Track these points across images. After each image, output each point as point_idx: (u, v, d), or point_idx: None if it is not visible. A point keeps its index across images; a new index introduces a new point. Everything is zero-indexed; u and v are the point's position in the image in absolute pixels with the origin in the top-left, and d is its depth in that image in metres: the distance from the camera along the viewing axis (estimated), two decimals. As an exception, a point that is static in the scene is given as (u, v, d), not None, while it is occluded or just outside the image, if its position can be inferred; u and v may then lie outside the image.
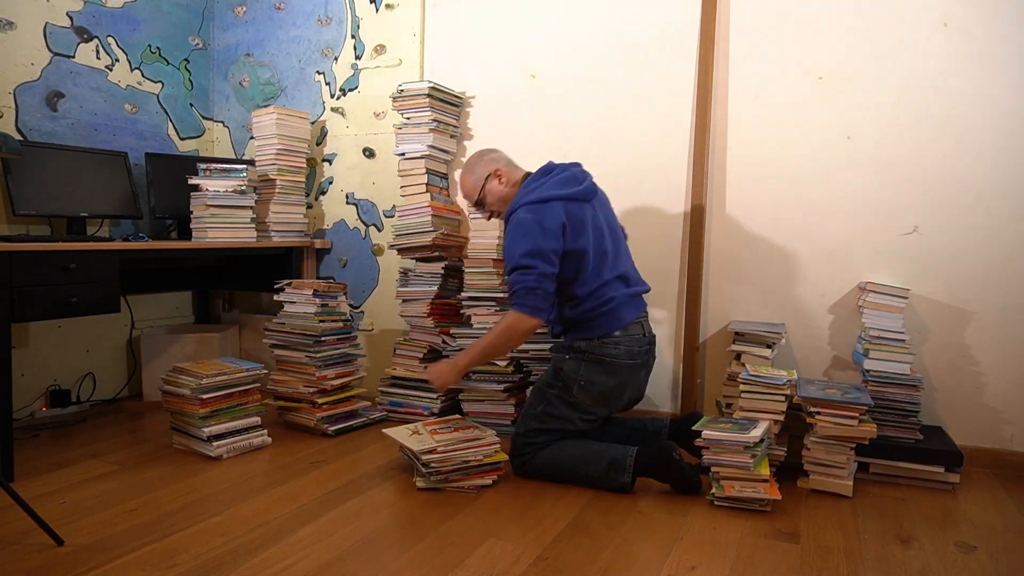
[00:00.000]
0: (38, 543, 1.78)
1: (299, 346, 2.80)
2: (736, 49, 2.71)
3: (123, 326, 3.29)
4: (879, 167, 2.54)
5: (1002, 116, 2.39)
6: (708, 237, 2.78)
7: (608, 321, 2.22)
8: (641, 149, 2.86)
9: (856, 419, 2.15)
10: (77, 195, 2.85)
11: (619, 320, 2.22)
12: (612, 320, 2.22)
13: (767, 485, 2.04)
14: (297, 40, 3.51)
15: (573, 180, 2.27)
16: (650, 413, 2.82)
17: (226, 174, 2.97)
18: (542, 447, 2.23)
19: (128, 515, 1.97)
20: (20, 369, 2.85)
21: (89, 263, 2.46)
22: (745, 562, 1.74)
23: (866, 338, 2.41)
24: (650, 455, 2.16)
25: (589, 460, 2.18)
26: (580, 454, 2.20)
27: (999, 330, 2.43)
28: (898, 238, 2.53)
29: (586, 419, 2.25)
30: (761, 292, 2.71)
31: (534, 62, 3.03)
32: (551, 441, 2.24)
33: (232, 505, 2.05)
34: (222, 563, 1.69)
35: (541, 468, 2.23)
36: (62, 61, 2.99)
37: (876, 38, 2.52)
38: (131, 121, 3.29)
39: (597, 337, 2.22)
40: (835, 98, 2.58)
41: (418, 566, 1.69)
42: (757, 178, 2.70)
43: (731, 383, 2.49)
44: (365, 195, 3.40)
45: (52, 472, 2.32)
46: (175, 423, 2.57)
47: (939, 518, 2.03)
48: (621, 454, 2.16)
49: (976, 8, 2.40)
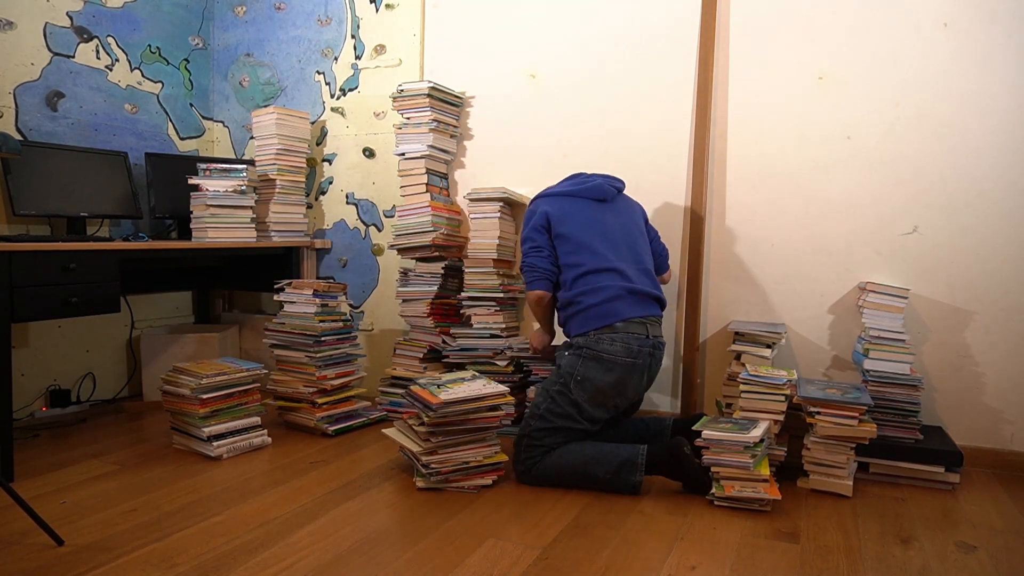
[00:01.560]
0: (38, 543, 1.78)
1: (299, 346, 2.80)
2: (736, 49, 2.71)
3: (123, 326, 3.29)
4: (879, 167, 2.54)
5: (1002, 116, 2.39)
6: (708, 237, 2.78)
7: (603, 313, 2.22)
8: (641, 149, 2.86)
9: (856, 419, 2.15)
10: (77, 195, 2.85)
11: (615, 313, 2.22)
12: (608, 313, 2.22)
13: (767, 485, 2.04)
14: (297, 40, 3.51)
15: (574, 180, 2.48)
16: (650, 413, 2.83)
17: (226, 174, 2.97)
18: (548, 450, 2.21)
19: (128, 515, 1.97)
20: (20, 369, 2.85)
21: (89, 263, 2.46)
22: (745, 562, 1.74)
23: (866, 338, 2.41)
24: (661, 452, 2.15)
25: (599, 461, 2.15)
26: (590, 454, 2.17)
27: (999, 330, 2.43)
28: (898, 238, 2.53)
29: (587, 418, 2.23)
30: (761, 292, 2.71)
31: (534, 62, 3.04)
32: (556, 445, 2.22)
33: (232, 505, 2.05)
34: (222, 563, 1.69)
35: (547, 472, 2.20)
36: (62, 61, 2.99)
37: (876, 38, 2.52)
38: (131, 121, 3.29)
39: (594, 331, 2.22)
40: (835, 98, 2.58)
41: (418, 566, 1.69)
42: (757, 178, 2.70)
43: (731, 383, 2.49)
44: (365, 195, 3.40)
45: (52, 472, 2.32)
46: (175, 423, 2.58)
47: (939, 518, 2.03)
48: (632, 453, 2.15)
49: (976, 9, 2.40)
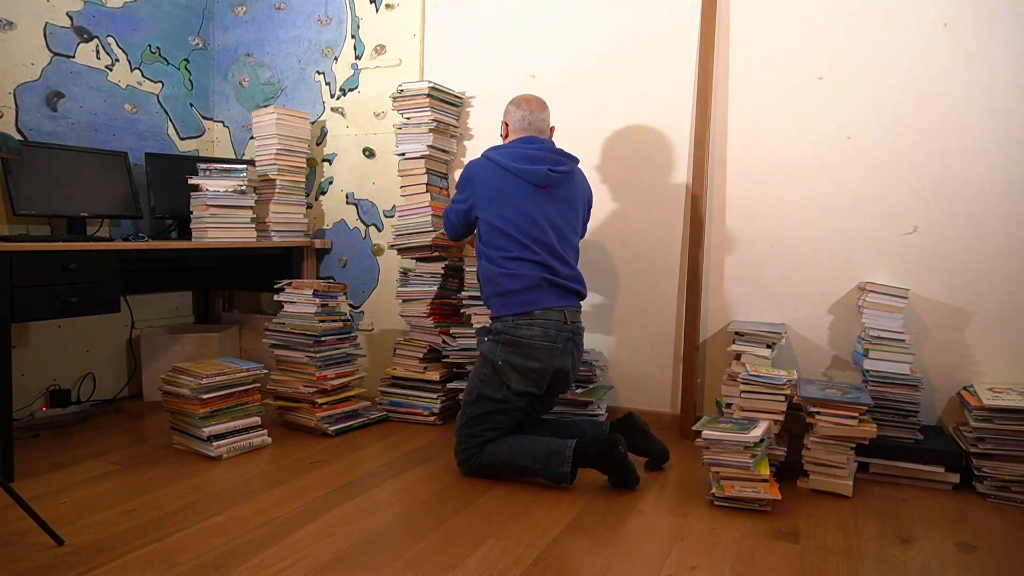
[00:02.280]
0: (38, 543, 1.78)
1: (299, 346, 2.80)
2: (736, 49, 2.71)
3: (123, 326, 3.29)
4: (879, 167, 2.54)
5: (1002, 116, 2.39)
6: (708, 237, 2.78)
7: (523, 301, 2.24)
8: (641, 149, 2.86)
9: (856, 419, 2.15)
10: (77, 195, 2.85)
11: (535, 303, 2.24)
12: (527, 301, 2.24)
13: (767, 485, 2.04)
14: (297, 40, 3.51)
15: (525, 159, 2.33)
16: (651, 413, 2.83)
17: (226, 174, 2.97)
18: (486, 441, 2.26)
19: (128, 515, 1.97)
20: (20, 369, 2.85)
21: (89, 263, 2.46)
22: (745, 562, 1.74)
23: (866, 338, 2.41)
24: (593, 446, 2.19)
25: (530, 452, 2.21)
26: (521, 446, 2.23)
27: (999, 330, 2.43)
28: (898, 238, 2.53)
29: (518, 394, 2.26)
30: (761, 292, 2.71)
31: (534, 62, 3.03)
32: (492, 436, 2.26)
33: (232, 505, 2.05)
34: (222, 563, 1.69)
35: (485, 465, 2.25)
36: (62, 61, 2.99)
37: (876, 38, 2.52)
38: (131, 121, 3.29)
39: (511, 316, 2.25)
40: (835, 98, 2.58)
41: (418, 566, 1.69)
42: (757, 178, 2.70)
43: (731, 383, 2.49)
44: (365, 195, 3.40)
45: (52, 472, 2.32)
46: (175, 423, 2.57)
47: (939, 518, 2.03)
48: (560, 445, 2.20)
49: (976, 9, 2.40)
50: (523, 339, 2.22)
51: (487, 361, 2.28)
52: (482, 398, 2.28)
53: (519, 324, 2.24)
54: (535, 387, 2.27)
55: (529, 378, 2.25)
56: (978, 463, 2.20)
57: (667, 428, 2.83)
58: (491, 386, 2.27)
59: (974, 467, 2.21)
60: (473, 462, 2.27)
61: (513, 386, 2.24)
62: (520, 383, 2.25)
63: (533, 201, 2.30)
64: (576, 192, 2.42)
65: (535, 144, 2.37)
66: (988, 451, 2.18)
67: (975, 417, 2.20)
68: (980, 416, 2.19)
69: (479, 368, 2.31)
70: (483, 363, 2.29)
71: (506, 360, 2.23)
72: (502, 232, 2.28)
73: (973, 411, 2.22)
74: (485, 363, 2.28)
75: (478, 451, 2.26)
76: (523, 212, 2.28)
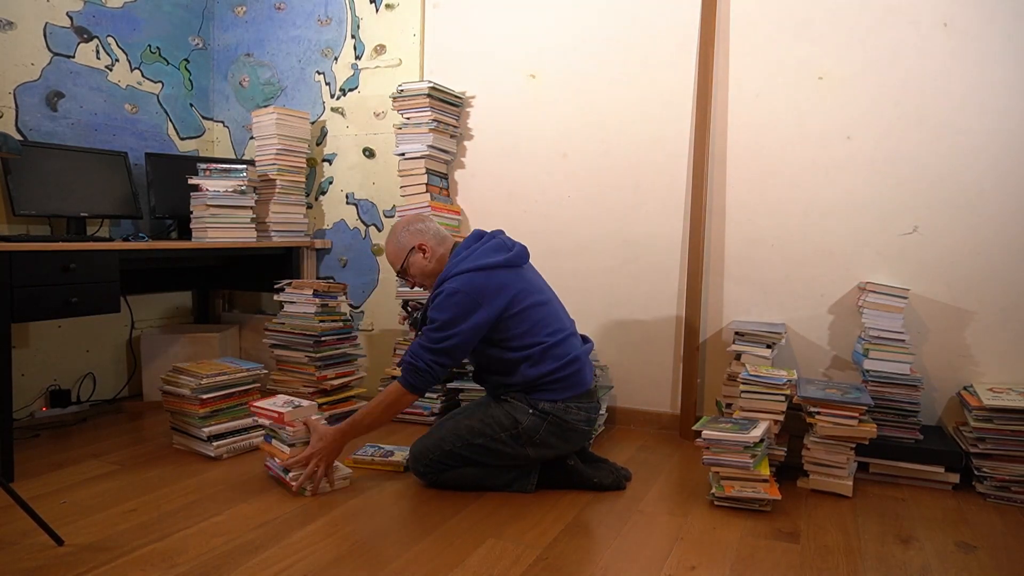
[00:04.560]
0: (38, 543, 1.78)
1: (299, 346, 2.80)
2: (736, 49, 2.71)
3: (123, 326, 3.29)
4: (879, 167, 2.54)
5: (1002, 116, 2.39)
6: (708, 237, 2.78)
7: (575, 382, 2.16)
8: (641, 149, 2.86)
9: (856, 419, 2.15)
10: (77, 195, 2.85)
11: (583, 382, 2.19)
12: (578, 382, 2.17)
13: (767, 485, 2.04)
14: (297, 40, 3.51)
15: (503, 247, 2.22)
16: (650, 413, 2.83)
17: (226, 174, 2.97)
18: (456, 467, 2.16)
19: (128, 515, 1.97)
20: (20, 369, 2.85)
21: (89, 263, 2.45)
22: (745, 562, 1.74)
23: (866, 338, 2.41)
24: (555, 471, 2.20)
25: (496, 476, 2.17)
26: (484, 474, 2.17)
27: (999, 330, 2.43)
28: (898, 238, 2.53)
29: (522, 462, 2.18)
30: (761, 292, 2.71)
31: (534, 62, 3.03)
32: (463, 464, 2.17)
33: (232, 505, 2.05)
34: (222, 563, 1.69)
35: (447, 482, 2.17)
36: (62, 61, 2.99)
37: (876, 38, 2.52)
38: (131, 121, 3.29)
39: (562, 400, 2.14)
40: (835, 98, 2.58)
41: (418, 566, 1.69)
42: (757, 178, 2.70)
43: (731, 383, 2.49)
44: (365, 195, 3.40)
45: (52, 472, 2.32)
46: (175, 423, 2.57)
47: (939, 518, 2.03)
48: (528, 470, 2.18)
49: (976, 8, 2.40)
50: (569, 423, 2.13)
51: (520, 431, 2.11)
52: (485, 450, 2.13)
53: (569, 407, 2.13)
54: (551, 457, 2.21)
55: (552, 452, 2.18)
56: (978, 463, 2.20)
57: (667, 428, 2.83)
58: (510, 445, 2.13)
59: (974, 467, 2.21)
60: (441, 478, 2.17)
61: (531, 454, 2.15)
62: (540, 454, 2.16)
63: (533, 278, 2.25)
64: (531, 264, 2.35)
65: (484, 237, 2.26)
66: (988, 451, 2.18)
67: (975, 417, 2.21)
68: (980, 416, 2.20)
69: (503, 428, 2.12)
70: (512, 427, 2.11)
71: (544, 441, 2.12)
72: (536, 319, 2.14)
73: (973, 411, 2.22)
74: (515, 431, 2.11)
75: (443, 472, 2.17)
76: (539, 292, 2.21)
